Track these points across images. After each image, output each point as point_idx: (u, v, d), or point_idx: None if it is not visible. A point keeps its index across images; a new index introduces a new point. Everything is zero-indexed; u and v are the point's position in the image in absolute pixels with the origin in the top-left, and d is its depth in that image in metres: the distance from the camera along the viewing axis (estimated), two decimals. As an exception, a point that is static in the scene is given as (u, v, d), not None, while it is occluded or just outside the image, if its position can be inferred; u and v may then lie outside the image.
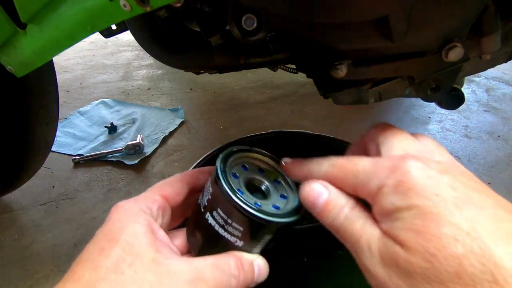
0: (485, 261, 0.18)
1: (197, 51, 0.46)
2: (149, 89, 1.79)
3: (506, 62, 0.44)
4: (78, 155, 1.22)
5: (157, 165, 1.22)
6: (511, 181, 1.19)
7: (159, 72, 1.97)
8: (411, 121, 1.53)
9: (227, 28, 0.31)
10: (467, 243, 0.19)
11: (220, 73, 0.57)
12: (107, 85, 1.81)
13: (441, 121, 1.53)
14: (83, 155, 1.22)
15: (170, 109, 1.55)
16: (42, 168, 1.01)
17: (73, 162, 1.20)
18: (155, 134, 1.37)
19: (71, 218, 0.98)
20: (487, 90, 1.81)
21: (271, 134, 0.67)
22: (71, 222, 0.97)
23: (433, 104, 0.77)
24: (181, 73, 1.90)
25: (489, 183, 1.16)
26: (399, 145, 0.26)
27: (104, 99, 1.61)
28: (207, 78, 1.88)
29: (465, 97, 0.45)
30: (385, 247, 0.21)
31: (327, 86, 0.40)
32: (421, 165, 0.22)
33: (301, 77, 1.79)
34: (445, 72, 0.34)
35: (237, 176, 0.31)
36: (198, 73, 0.65)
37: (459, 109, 1.59)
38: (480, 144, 1.37)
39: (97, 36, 0.64)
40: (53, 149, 1.08)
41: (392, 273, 0.21)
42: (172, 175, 0.33)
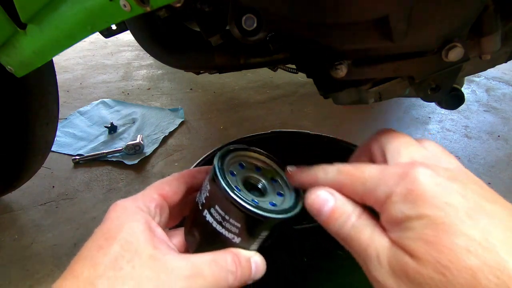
0: (499, 274, 0.18)
1: (197, 51, 0.46)
2: (149, 89, 1.79)
3: (506, 62, 0.44)
4: (78, 155, 1.22)
5: (157, 165, 1.22)
6: (511, 181, 1.19)
7: (159, 72, 1.97)
8: (411, 121, 1.53)
9: (227, 28, 0.32)
10: (480, 254, 0.18)
11: (220, 73, 0.57)
12: (107, 85, 1.81)
13: (441, 121, 1.53)
14: (83, 155, 1.22)
15: (170, 109, 1.55)
16: (42, 168, 1.01)
17: (73, 162, 1.20)
18: (155, 134, 1.37)
19: (71, 218, 0.98)
20: (487, 90, 1.81)
21: (271, 134, 0.67)
22: (71, 222, 0.97)
23: (433, 104, 0.77)
24: (181, 73, 1.90)
25: (489, 183, 1.16)
26: (405, 151, 0.25)
27: (104, 99, 1.61)
28: (207, 78, 1.88)
29: (465, 97, 0.45)
30: (394, 257, 0.21)
31: (327, 86, 0.40)
32: (429, 172, 0.22)
33: (301, 77, 1.79)
34: (445, 72, 0.34)
35: (235, 174, 0.31)
36: (198, 73, 0.65)
37: (459, 109, 1.59)
38: (480, 144, 1.37)
39: (97, 36, 0.64)
40: (53, 149, 1.08)
41: (401, 283, 0.21)
42: (172, 175, 0.33)
